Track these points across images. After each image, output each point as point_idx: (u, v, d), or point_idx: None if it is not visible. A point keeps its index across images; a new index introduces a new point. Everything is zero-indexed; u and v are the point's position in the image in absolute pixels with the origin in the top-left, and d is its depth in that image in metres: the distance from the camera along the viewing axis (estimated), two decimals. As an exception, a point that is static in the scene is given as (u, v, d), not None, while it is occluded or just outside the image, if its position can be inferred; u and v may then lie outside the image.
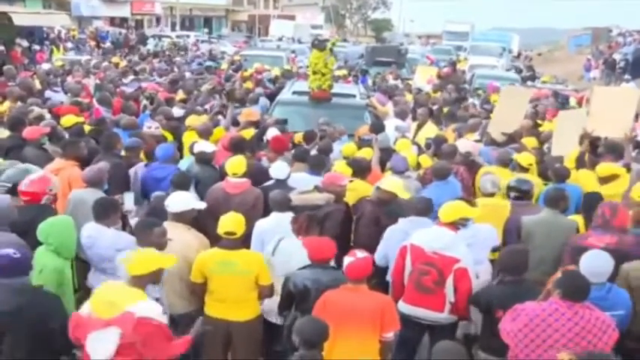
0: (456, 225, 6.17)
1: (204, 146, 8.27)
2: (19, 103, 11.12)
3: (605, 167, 8.03)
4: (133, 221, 6.75)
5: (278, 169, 7.65)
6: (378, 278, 6.29)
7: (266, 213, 7.04)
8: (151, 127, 9.69)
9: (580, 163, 8.65)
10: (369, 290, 5.30)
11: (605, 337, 4.67)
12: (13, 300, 4.79)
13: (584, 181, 8.05)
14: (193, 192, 7.30)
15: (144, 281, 4.85)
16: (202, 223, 6.45)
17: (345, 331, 5.09)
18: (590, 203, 6.89)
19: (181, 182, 7.00)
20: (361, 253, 5.28)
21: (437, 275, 5.87)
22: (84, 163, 7.75)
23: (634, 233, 6.13)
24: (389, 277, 6.42)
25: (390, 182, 7.29)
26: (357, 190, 7.54)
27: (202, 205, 6.41)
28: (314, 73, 12.28)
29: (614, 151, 8.80)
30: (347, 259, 5.22)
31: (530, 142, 9.89)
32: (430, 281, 5.89)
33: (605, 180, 7.92)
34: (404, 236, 6.30)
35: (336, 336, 5.06)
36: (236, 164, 7.40)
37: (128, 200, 7.22)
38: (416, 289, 5.95)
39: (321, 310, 5.16)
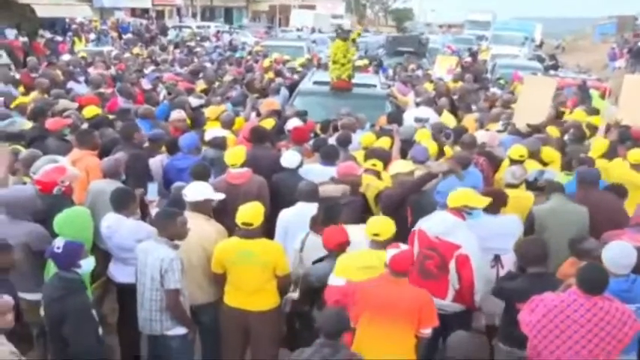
0: (461, 212, 6.02)
1: (217, 132, 8.51)
2: (45, 95, 11.24)
3: (636, 153, 8.05)
4: (154, 211, 6.76)
5: (288, 158, 7.64)
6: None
7: (273, 202, 7.10)
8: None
9: (611, 153, 8.60)
10: (410, 285, 5.19)
11: (626, 328, 4.65)
12: (50, 292, 4.99)
13: (617, 171, 8.03)
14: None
15: (385, 245, 5.37)
16: (215, 215, 6.46)
17: (380, 323, 5.02)
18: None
19: (201, 172, 7.00)
20: (404, 245, 5.20)
21: (439, 260, 5.82)
22: (105, 153, 7.80)
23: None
24: None
25: (399, 165, 7.41)
26: (379, 186, 7.45)
27: (220, 196, 6.40)
28: (334, 62, 12.26)
29: (629, 139, 8.78)
30: (390, 251, 5.10)
31: (552, 131, 9.81)
32: (433, 266, 5.84)
33: (637, 167, 7.96)
34: None
35: (370, 327, 5.06)
36: (235, 155, 7.39)
37: (151, 190, 7.24)
38: (419, 274, 5.83)
39: (360, 299, 5.11)
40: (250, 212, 5.82)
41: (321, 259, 5.73)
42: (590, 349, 4.62)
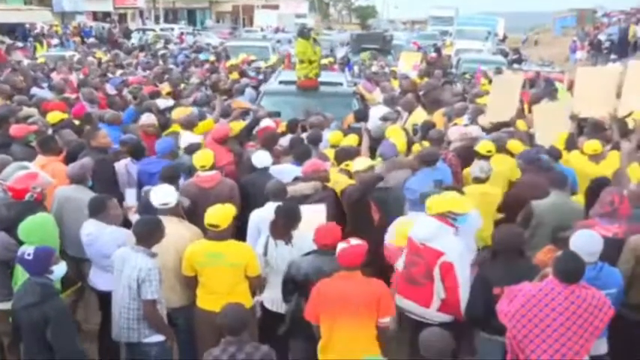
0: (447, 217, 5.81)
1: (190, 137, 8.39)
2: (7, 102, 11.13)
3: (593, 144, 8.13)
4: (133, 217, 6.74)
5: (259, 158, 7.66)
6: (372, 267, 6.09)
7: (245, 202, 7.11)
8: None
9: (569, 144, 8.67)
10: (364, 277, 5.24)
11: (601, 315, 4.74)
12: (24, 299, 4.92)
13: (575, 162, 8.11)
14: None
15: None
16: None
17: (342, 318, 5.09)
18: (598, 189, 6.89)
19: (169, 175, 6.98)
20: (355, 240, 5.23)
21: (424, 268, 5.70)
22: (71, 158, 7.71)
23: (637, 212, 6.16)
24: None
25: (357, 162, 7.43)
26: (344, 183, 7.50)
27: (185, 202, 6.41)
28: (301, 62, 12.27)
29: (597, 130, 8.92)
30: (340, 246, 5.17)
31: (521, 125, 9.93)
32: (417, 273, 5.75)
33: (595, 157, 8.03)
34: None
35: (333, 324, 5.13)
36: (204, 157, 7.35)
37: (130, 196, 7.21)
38: (406, 280, 5.82)
39: (315, 298, 5.20)
40: (217, 214, 5.80)
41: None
42: (569, 337, 4.70)
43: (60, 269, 5.04)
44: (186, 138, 8.41)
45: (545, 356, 4.73)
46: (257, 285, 6.01)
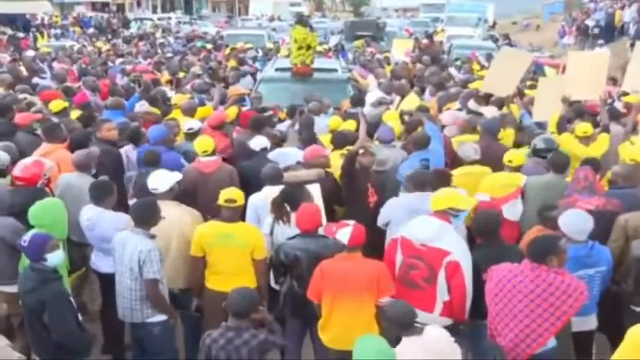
0: (447, 214, 5.59)
1: (191, 124, 8.47)
2: (10, 91, 11.20)
3: (584, 126, 8.28)
4: (132, 201, 6.78)
5: (257, 141, 7.77)
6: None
7: (244, 187, 7.06)
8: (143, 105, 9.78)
9: (561, 127, 8.82)
10: (364, 257, 5.36)
11: (570, 301, 4.78)
12: (23, 284, 5.06)
13: (565, 144, 8.21)
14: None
15: (516, 169, 7.17)
16: (185, 203, 6.47)
17: (342, 297, 5.21)
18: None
19: (150, 160, 7.07)
20: (350, 221, 5.36)
21: (427, 271, 5.36)
22: (77, 147, 7.71)
23: (620, 192, 6.40)
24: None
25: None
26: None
27: (178, 176, 6.46)
28: (299, 48, 12.45)
29: (582, 114, 9.11)
30: (346, 230, 5.24)
31: (513, 108, 10.14)
32: (419, 277, 5.41)
33: (585, 140, 8.17)
34: (406, 210, 6.21)
35: (334, 302, 5.27)
36: (205, 143, 7.43)
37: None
38: (404, 285, 5.45)
39: (318, 279, 5.31)
40: (233, 191, 5.98)
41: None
42: (533, 318, 4.80)
43: (54, 257, 5.01)
44: (188, 124, 8.47)
45: (511, 335, 4.86)
46: (263, 269, 5.99)
